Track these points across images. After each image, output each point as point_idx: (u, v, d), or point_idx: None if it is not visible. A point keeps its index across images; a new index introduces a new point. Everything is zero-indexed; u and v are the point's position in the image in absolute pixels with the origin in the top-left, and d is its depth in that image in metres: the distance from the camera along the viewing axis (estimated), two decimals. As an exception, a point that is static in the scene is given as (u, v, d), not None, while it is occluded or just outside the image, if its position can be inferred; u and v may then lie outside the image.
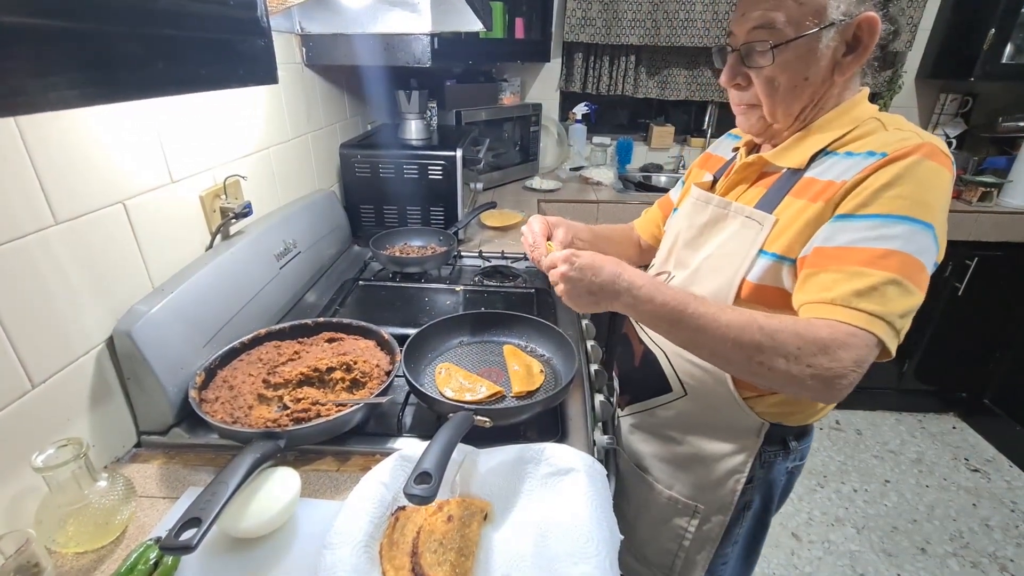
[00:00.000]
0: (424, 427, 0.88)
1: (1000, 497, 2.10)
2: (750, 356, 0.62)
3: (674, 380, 0.86)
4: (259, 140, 1.22)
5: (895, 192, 0.62)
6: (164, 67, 0.39)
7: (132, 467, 0.80)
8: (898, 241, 0.61)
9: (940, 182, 0.63)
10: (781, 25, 0.67)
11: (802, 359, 0.60)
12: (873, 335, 0.60)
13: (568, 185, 2.42)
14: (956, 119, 2.52)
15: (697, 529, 0.87)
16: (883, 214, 0.62)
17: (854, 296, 0.61)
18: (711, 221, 0.81)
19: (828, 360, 0.59)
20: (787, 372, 0.61)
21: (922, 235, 0.61)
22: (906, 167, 0.62)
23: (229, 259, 1.02)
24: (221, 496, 0.59)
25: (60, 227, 0.71)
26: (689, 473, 0.87)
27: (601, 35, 2.33)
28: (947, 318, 2.33)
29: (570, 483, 0.70)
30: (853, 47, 0.68)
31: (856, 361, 0.59)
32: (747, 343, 0.62)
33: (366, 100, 1.96)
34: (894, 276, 0.60)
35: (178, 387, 0.83)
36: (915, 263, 0.61)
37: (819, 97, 0.72)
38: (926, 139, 0.64)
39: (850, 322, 0.60)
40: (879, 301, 0.60)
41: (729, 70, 0.75)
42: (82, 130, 0.74)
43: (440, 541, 0.64)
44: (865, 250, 0.62)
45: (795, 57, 0.69)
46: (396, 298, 1.32)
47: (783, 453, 0.82)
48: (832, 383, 0.60)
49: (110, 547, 0.66)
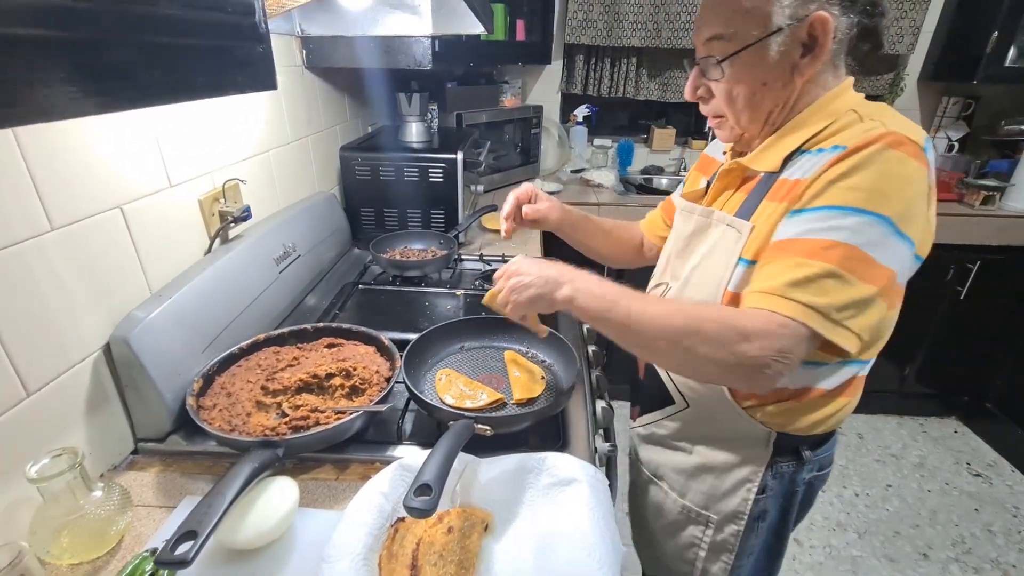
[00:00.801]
0: (424, 434, 0.87)
1: (1003, 502, 2.09)
2: (676, 342, 0.61)
3: (675, 392, 0.85)
4: (259, 143, 1.21)
5: (849, 183, 0.60)
6: (159, 76, 0.38)
7: (129, 475, 0.79)
8: (845, 232, 0.59)
9: (903, 171, 0.60)
10: (728, 37, 0.68)
11: (726, 346, 0.59)
12: (803, 326, 0.58)
13: (569, 187, 2.41)
14: (958, 122, 2.51)
15: (711, 539, 0.85)
16: (834, 205, 0.60)
17: (789, 286, 0.59)
18: (696, 231, 0.81)
19: (751, 348, 0.58)
20: (711, 359, 0.60)
21: (874, 228, 0.59)
22: (864, 157, 0.60)
23: (228, 263, 1.01)
24: (218, 508, 0.58)
25: (56, 233, 0.70)
26: (700, 482, 0.85)
27: (602, 37, 2.32)
28: (949, 322, 2.32)
29: (572, 494, 0.69)
30: (810, 47, 0.66)
31: (780, 350, 0.58)
32: (671, 330, 0.61)
33: (366, 102, 1.95)
34: (832, 268, 0.58)
35: (176, 394, 0.82)
36: (860, 255, 0.58)
37: (784, 100, 0.70)
38: (893, 127, 0.61)
39: (779, 311, 0.59)
40: (814, 292, 0.58)
41: (689, 84, 0.77)
42: (80, 135, 0.74)
43: (440, 553, 0.63)
44: (810, 241, 0.61)
45: (747, 66, 0.68)
46: (396, 302, 1.31)
47: (797, 463, 0.80)
48: (756, 372, 0.59)
49: (106, 558, 0.66)
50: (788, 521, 0.85)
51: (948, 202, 2.24)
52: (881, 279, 0.60)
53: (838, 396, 0.75)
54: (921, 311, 2.30)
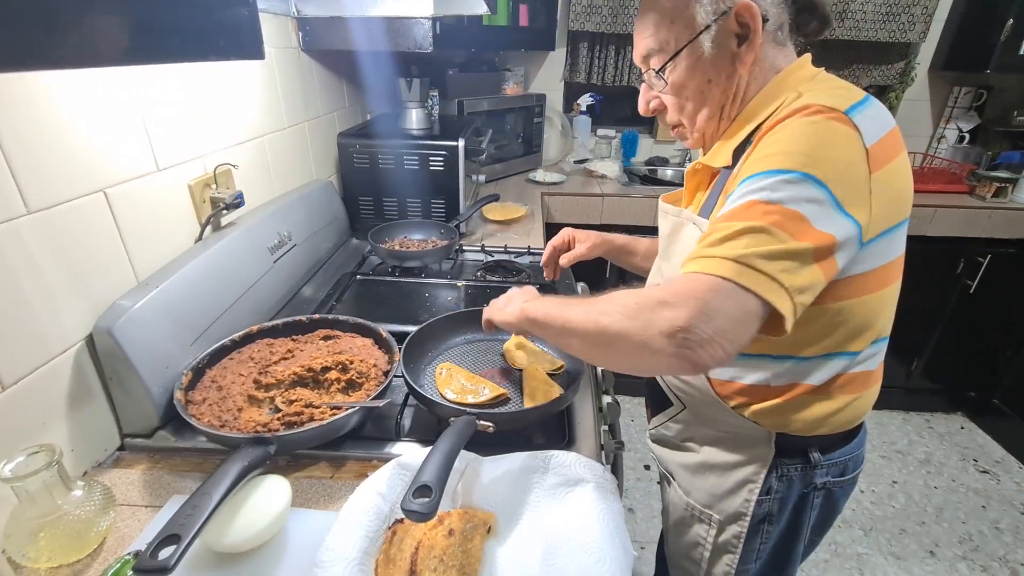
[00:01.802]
0: (424, 431, 0.84)
1: (1010, 499, 2.07)
2: (596, 321, 0.58)
3: (669, 393, 0.84)
4: (253, 127, 1.17)
5: (768, 151, 0.57)
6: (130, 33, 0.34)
7: (114, 472, 0.75)
8: (762, 192, 0.55)
9: (822, 133, 0.56)
10: (661, 48, 0.69)
11: (641, 314, 0.54)
12: (722, 279, 0.52)
13: (572, 178, 2.36)
14: (970, 113, 2.47)
15: (714, 540, 0.83)
16: (750, 175, 0.57)
17: (706, 247, 0.56)
18: (672, 231, 0.79)
19: (666, 312, 0.52)
20: (629, 333, 0.54)
21: (796, 184, 0.54)
22: (778, 129, 0.58)
23: (220, 252, 0.97)
24: (203, 510, 0.55)
25: (33, 216, 0.66)
26: (704, 480, 0.83)
27: (607, 23, 2.26)
28: (957, 316, 2.28)
29: (579, 496, 0.66)
30: (743, 35, 0.65)
31: (700, 311, 0.51)
32: (594, 310, 0.59)
33: (365, 88, 1.90)
34: (751, 223, 0.53)
35: (163, 388, 0.79)
36: (785, 211, 0.53)
37: (733, 91, 0.70)
38: (808, 100, 0.59)
39: (698, 270, 0.54)
40: (730, 247, 0.53)
41: (641, 100, 0.78)
42: (57, 113, 0.69)
43: (440, 557, 0.59)
44: (729, 212, 0.57)
45: (685, 69, 0.69)
46: (395, 293, 1.27)
47: (804, 466, 0.76)
48: (679, 343, 0.51)
49: (87, 560, 0.62)
50: (800, 527, 0.81)
51: (958, 194, 2.19)
52: (815, 238, 0.53)
53: (834, 394, 0.71)
54: (929, 305, 2.26)
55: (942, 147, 2.54)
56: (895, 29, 2.25)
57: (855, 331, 0.67)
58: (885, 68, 2.41)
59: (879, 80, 2.42)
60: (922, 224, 2.11)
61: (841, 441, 0.77)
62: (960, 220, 2.11)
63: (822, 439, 0.75)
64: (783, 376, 0.70)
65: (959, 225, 2.12)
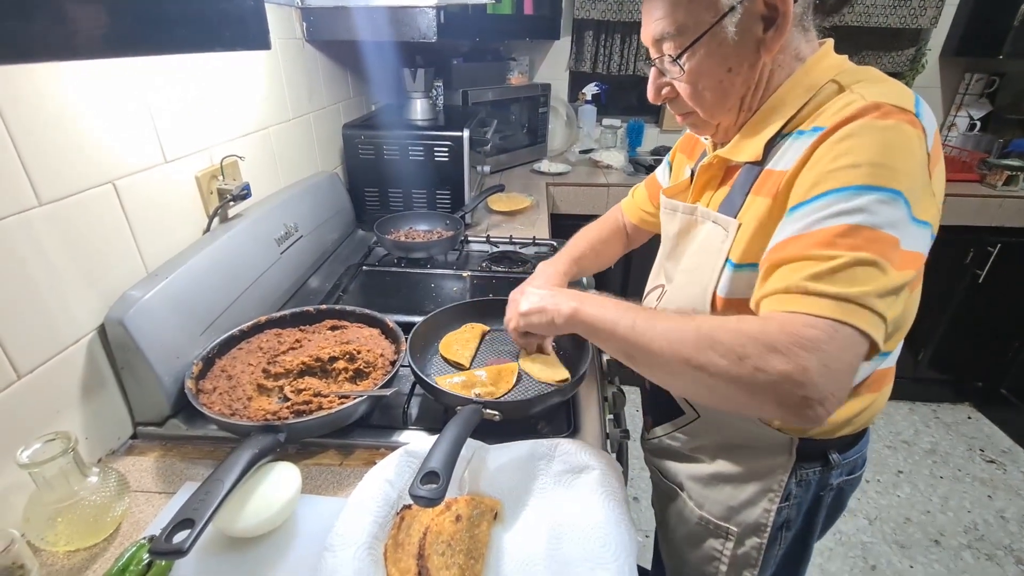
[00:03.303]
0: (431, 419, 0.85)
1: (1016, 489, 2.06)
2: (687, 360, 0.52)
3: (683, 403, 0.80)
4: (258, 119, 1.17)
5: (845, 162, 0.52)
6: (136, 24, 0.34)
7: (127, 460, 0.77)
8: (860, 215, 0.50)
9: (901, 140, 0.52)
10: (679, 31, 0.61)
11: (747, 359, 0.49)
12: (843, 324, 0.48)
13: (577, 168, 2.35)
14: (981, 100, 2.43)
15: (732, 553, 0.79)
16: (837, 188, 0.51)
17: (811, 280, 0.50)
18: (683, 230, 0.76)
19: (782, 361, 0.47)
20: (734, 377, 0.50)
21: (890, 205, 0.50)
22: (850, 132, 0.53)
23: (227, 243, 0.98)
24: (216, 495, 0.56)
25: (44, 208, 0.67)
26: (718, 492, 0.79)
27: (613, 12, 2.24)
28: (965, 306, 2.26)
29: (585, 482, 0.66)
30: (771, 19, 0.58)
31: (819, 362, 0.46)
32: (681, 344, 0.53)
33: (370, 79, 1.89)
34: (860, 255, 0.49)
35: (174, 377, 0.80)
36: (886, 238, 0.49)
37: (755, 81, 0.63)
38: (876, 98, 0.54)
39: (810, 311, 0.49)
40: (845, 283, 0.48)
41: (651, 87, 0.70)
42: (67, 106, 0.70)
43: (448, 543, 0.60)
44: (822, 231, 0.51)
45: (706, 56, 0.62)
46: (401, 284, 1.28)
47: (824, 469, 0.74)
48: (792, 393, 0.47)
49: (103, 544, 0.64)
50: (814, 528, 0.79)
51: (969, 182, 2.16)
52: (910, 263, 0.51)
53: (863, 393, 0.69)
54: (937, 295, 2.24)
55: (952, 135, 2.50)
56: (906, 15, 2.21)
57: (893, 333, 0.65)
58: (895, 55, 2.37)
59: (889, 67, 2.39)
60: (931, 213, 2.08)
61: (855, 439, 0.76)
62: (970, 209, 2.08)
63: (842, 439, 0.73)
64: None
65: (969, 214, 2.09)
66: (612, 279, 2.28)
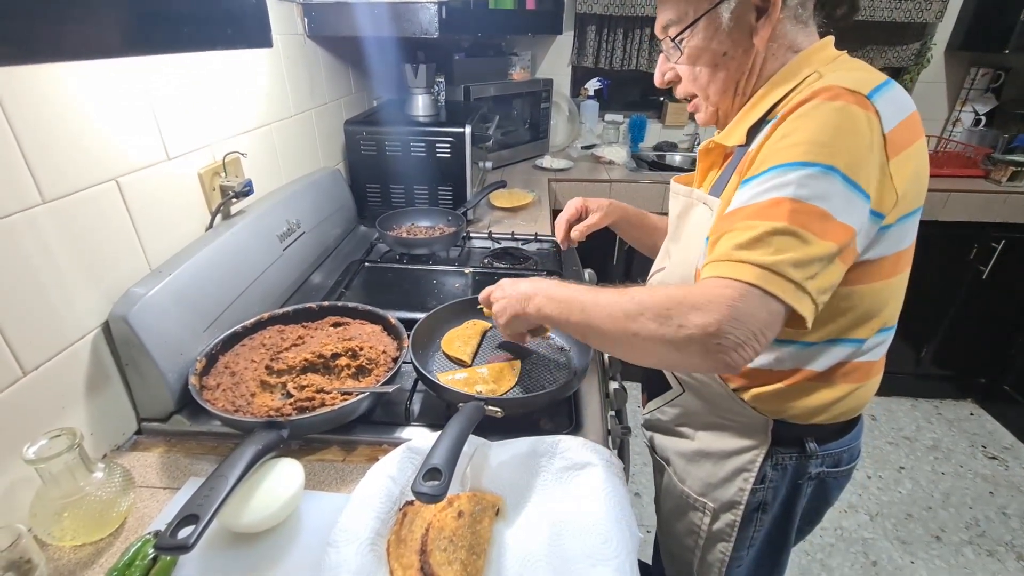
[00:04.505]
0: (433, 415, 0.85)
1: (1018, 485, 2.06)
2: (625, 327, 0.58)
3: (671, 377, 0.84)
4: (260, 116, 1.17)
5: (788, 141, 0.56)
6: (140, 24, 0.34)
7: (132, 456, 0.77)
8: (789, 188, 0.54)
9: (843, 120, 0.55)
10: (680, 17, 0.69)
11: (672, 318, 0.54)
12: (754, 287, 0.52)
13: (579, 164, 2.35)
14: (986, 94, 2.41)
15: (708, 528, 0.83)
16: (776, 165, 0.56)
17: (735, 249, 0.55)
18: (682, 212, 0.79)
19: (698, 317, 0.53)
20: (659, 337, 0.55)
21: (821, 179, 0.54)
22: (802, 114, 0.57)
23: (230, 240, 0.98)
24: (220, 491, 0.56)
25: (48, 206, 0.67)
26: (699, 468, 0.83)
27: (616, 6, 2.23)
28: (968, 302, 2.26)
29: (586, 478, 0.67)
30: (763, 9, 0.64)
31: (733, 318, 0.52)
32: (619, 313, 0.59)
33: (372, 74, 1.88)
34: (781, 224, 0.53)
35: (178, 373, 0.80)
36: (811, 209, 0.54)
37: (748, 67, 0.68)
38: (835, 81, 0.57)
39: (727, 275, 0.54)
40: (762, 251, 0.53)
41: (657, 71, 0.77)
42: (71, 104, 0.70)
43: (450, 539, 0.61)
44: (754, 205, 0.56)
45: (702, 40, 0.68)
46: (403, 280, 1.28)
47: (801, 455, 0.76)
48: (711, 346, 0.53)
49: (109, 539, 0.64)
50: (792, 516, 0.81)
51: (974, 178, 2.16)
52: (839, 235, 0.54)
53: (836, 382, 0.71)
54: (940, 290, 2.24)
55: (957, 130, 2.49)
56: (911, 9, 2.20)
57: (862, 318, 0.67)
58: (900, 49, 2.35)
59: (894, 62, 2.37)
60: (935, 209, 2.08)
61: (838, 432, 0.77)
62: (974, 204, 2.08)
63: (819, 428, 0.75)
64: (786, 361, 0.70)
65: (973, 210, 2.09)
66: (615, 273, 2.28)
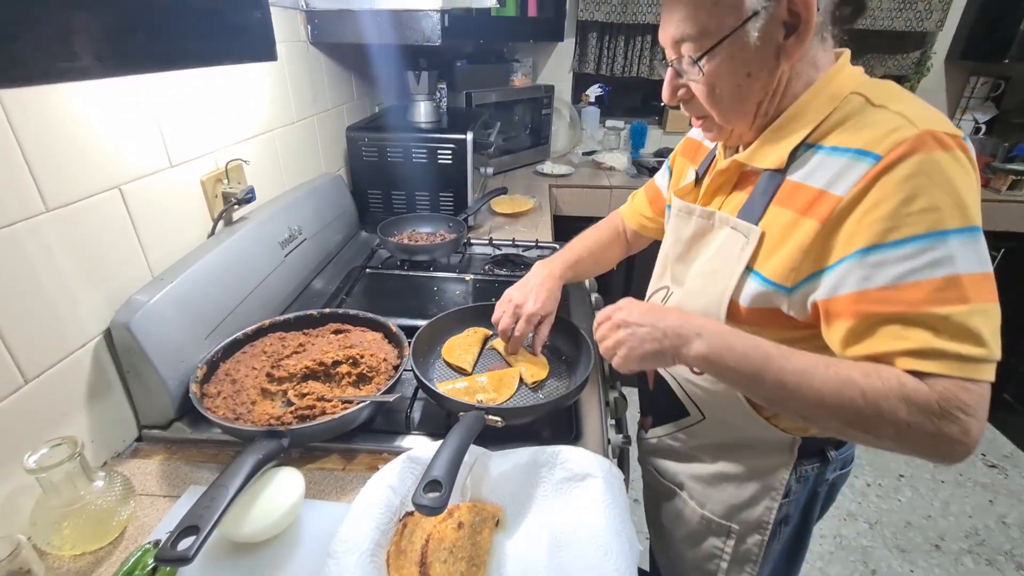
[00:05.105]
0: (433, 424, 0.85)
1: (1018, 494, 2.06)
2: (851, 423, 0.56)
3: (689, 405, 0.81)
4: (262, 122, 1.18)
5: (920, 205, 0.52)
6: (146, 41, 0.34)
7: (132, 463, 0.77)
8: (953, 264, 0.52)
9: (962, 172, 0.53)
10: (701, 34, 0.60)
11: (916, 427, 0.53)
12: (984, 382, 0.52)
13: (580, 170, 2.35)
14: (986, 103, 2.42)
15: (734, 550, 0.81)
16: (919, 235, 0.52)
17: (946, 341, 0.52)
18: (697, 234, 0.75)
19: (949, 427, 0.52)
20: (899, 439, 0.54)
21: (973, 242, 0.52)
22: (916, 169, 0.52)
23: (232, 246, 0.98)
24: (220, 502, 0.56)
25: (51, 214, 0.67)
26: (720, 492, 0.81)
27: (617, 13, 2.24)
28: (969, 311, 2.25)
29: (586, 490, 0.67)
30: (793, 25, 0.58)
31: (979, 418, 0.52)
32: (846, 411, 0.55)
33: (374, 81, 1.90)
34: (972, 306, 0.51)
35: (179, 380, 0.80)
36: (981, 278, 0.52)
37: (773, 87, 0.63)
38: (920, 124, 0.53)
39: (955, 374, 0.52)
40: (975, 340, 0.51)
41: (667, 87, 0.69)
42: (73, 112, 0.70)
43: (450, 550, 0.61)
44: (921, 284, 0.52)
45: (726, 59, 0.61)
46: (404, 287, 1.28)
47: (821, 465, 0.76)
48: (954, 448, 0.53)
49: (109, 548, 0.64)
50: (810, 523, 0.82)
51: (973, 187, 2.16)
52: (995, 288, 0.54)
53: None
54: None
55: (957, 138, 2.50)
56: (911, 18, 2.21)
57: None
58: (900, 58, 2.37)
59: (894, 70, 2.38)
60: (935, 217, 2.08)
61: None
62: (974, 213, 2.08)
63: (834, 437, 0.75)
64: None
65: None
66: (615, 282, 2.28)
